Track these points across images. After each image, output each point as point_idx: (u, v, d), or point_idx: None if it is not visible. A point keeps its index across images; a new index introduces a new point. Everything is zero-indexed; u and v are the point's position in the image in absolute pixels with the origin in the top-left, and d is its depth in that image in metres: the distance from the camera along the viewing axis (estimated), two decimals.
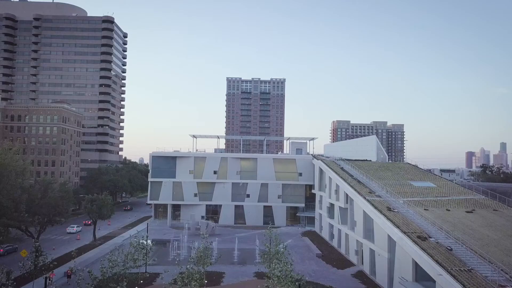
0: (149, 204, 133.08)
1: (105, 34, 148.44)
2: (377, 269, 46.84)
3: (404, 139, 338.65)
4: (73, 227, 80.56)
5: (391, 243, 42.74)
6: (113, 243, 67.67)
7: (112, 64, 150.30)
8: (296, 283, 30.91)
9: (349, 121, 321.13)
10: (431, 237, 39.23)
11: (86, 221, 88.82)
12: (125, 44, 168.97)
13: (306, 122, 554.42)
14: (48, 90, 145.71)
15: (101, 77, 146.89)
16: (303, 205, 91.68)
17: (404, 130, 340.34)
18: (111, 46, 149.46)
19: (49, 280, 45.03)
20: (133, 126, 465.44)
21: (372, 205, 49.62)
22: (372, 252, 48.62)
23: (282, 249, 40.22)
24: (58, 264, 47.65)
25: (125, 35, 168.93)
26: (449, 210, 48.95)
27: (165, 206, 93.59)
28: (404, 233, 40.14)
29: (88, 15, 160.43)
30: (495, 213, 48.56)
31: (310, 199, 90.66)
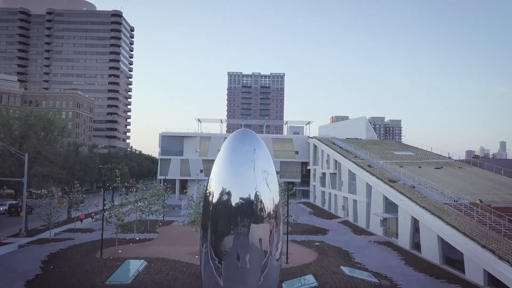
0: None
1: (113, 27, 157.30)
2: (358, 215, 55.41)
3: (402, 134, 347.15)
4: None
5: (369, 189, 51.32)
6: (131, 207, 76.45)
7: (120, 55, 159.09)
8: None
9: (347, 116, 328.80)
10: (399, 181, 47.86)
11: None
12: (132, 37, 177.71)
13: (305, 117, 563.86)
14: (60, 80, 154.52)
15: (110, 68, 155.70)
16: (299, 180, 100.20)
17: (401, 126, 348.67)
18: (119, 38, 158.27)
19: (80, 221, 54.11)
20: (133, 122, 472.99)
21: (356, 164, 58.20)
22: (355, 202, 57.20)
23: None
24: (85, 217, 56.95)
25: (132, 29, 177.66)
26: (420, 167, 57.54)
27: (173, 182, 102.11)
28: (379, 178, 48.76)
29: (97, 9, 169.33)
30: (459, 169, 57.16)
31: (305, 176, 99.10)
